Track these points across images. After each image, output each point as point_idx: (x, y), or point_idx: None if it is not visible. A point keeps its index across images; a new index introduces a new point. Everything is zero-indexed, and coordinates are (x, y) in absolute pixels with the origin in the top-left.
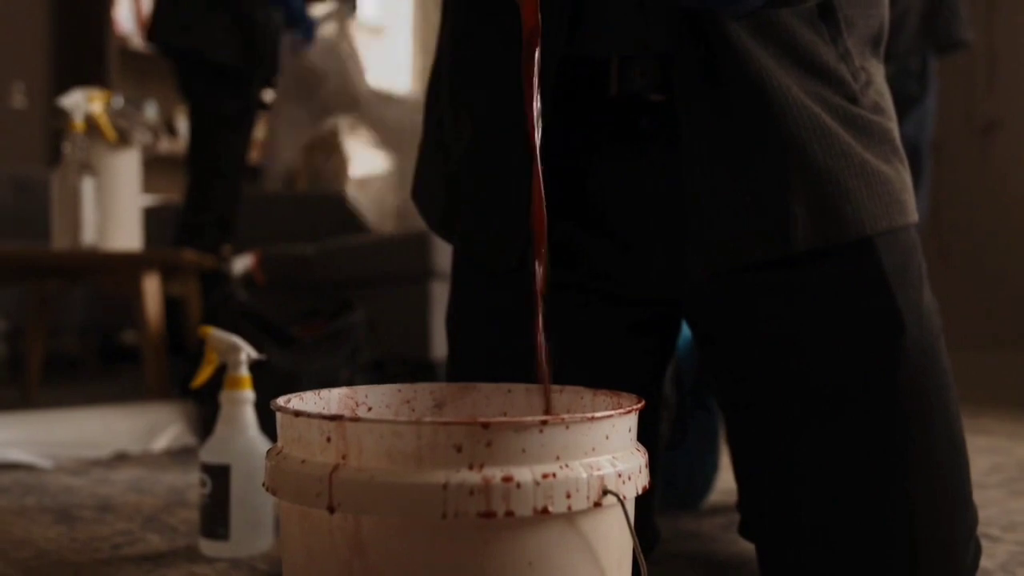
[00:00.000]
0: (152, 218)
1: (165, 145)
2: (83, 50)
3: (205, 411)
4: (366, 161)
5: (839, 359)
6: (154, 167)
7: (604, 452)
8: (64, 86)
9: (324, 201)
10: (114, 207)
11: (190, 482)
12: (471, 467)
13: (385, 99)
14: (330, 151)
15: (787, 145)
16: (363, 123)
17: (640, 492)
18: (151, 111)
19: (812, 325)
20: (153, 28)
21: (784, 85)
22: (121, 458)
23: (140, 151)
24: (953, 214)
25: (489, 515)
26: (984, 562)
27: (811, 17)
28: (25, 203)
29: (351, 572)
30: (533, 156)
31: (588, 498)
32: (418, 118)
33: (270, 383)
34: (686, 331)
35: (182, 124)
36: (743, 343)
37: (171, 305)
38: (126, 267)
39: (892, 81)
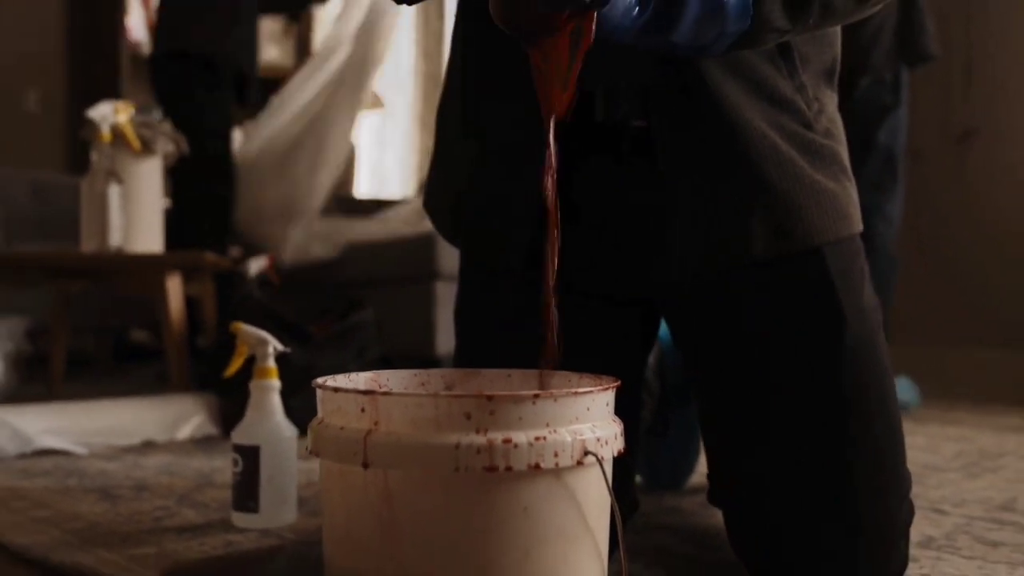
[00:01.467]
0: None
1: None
2: (96, 57)
3: (225, 403)
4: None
5: (792, 349)
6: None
7: (586, 421)
8: (78, 92)
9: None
10: (138, 212)
11: (215, 466)
12: (478, 431)
13: None
14: None
15: (749, 170)
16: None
17: (616, 455)
18: (159, 116)
19: (770, 320)
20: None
21: (747, 117)
22: (149, 445)
23: (162, 159)
24: (931, 218)
25: (492, 469)
26: (931, 531)
27: (772, 55)
28: (42, 206)
29: (380, 516)
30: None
31: (572, 457)
32: None
33: (287, 376)
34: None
35: None
36: (711, 336)
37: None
38: (150, 268)
39: (868, 92)
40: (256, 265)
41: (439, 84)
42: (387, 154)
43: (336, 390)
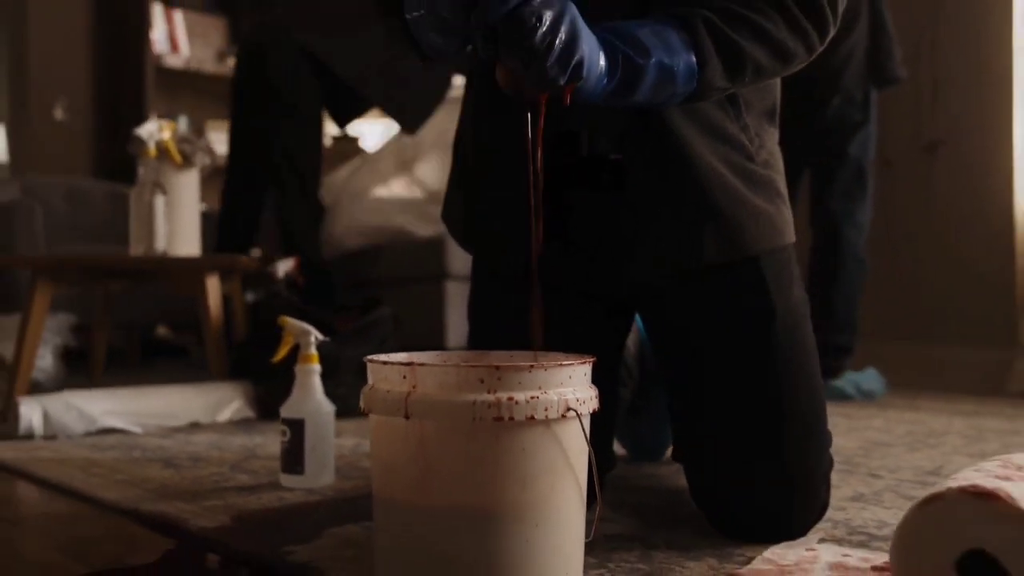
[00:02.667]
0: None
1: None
2: (121, 68)
3: (260, 390)
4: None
5: (734, 334)
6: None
7: (568, 386)
8: (103, 101)
9: None
10: (179, 219)
11: (256, 443)
12: (489, 392)
13: None
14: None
15: (701, 196)
16: None
17: (591, 412)
18: (182, 124)
19: (717, 312)
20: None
21: (700, 153)
22: (195, 426)
23: (200, 171)
24: (901, 222)
25: (499, 419)
26: (863, 490)
27: (721, 101)
28: (76, 210)
29: (416, 456)
30: (535, 193)
31: (558, 411)
32: None
33: None
34: None
35: (210, 137)
36: (672, 324)
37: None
38: (192, 270)
39: (840, 110)
40: (283, 266)
41: None
42: None
43: (384, 363)
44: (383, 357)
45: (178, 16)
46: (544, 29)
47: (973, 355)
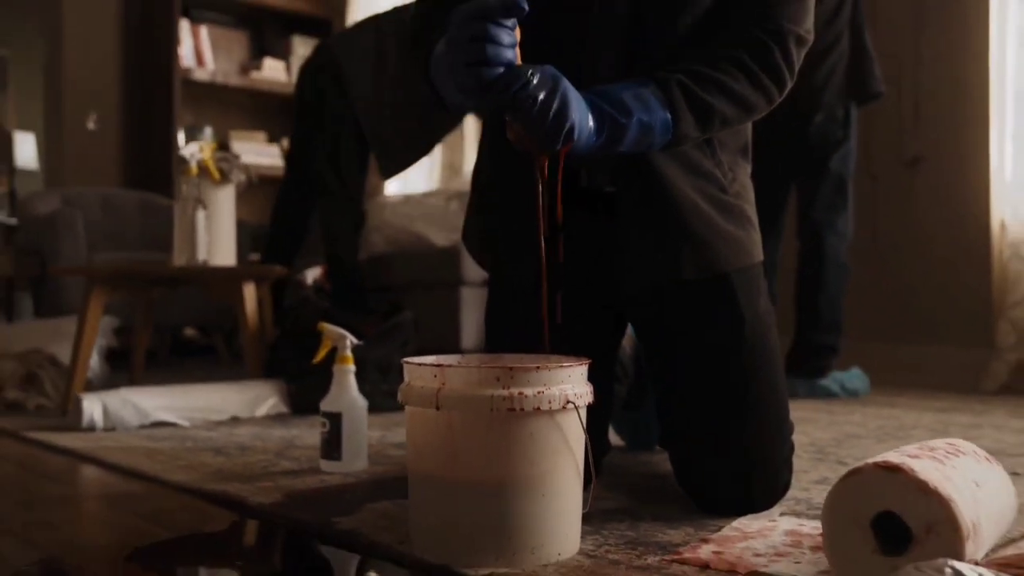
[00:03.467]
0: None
1: None
2: (150, 81)
3: (292, 388)
4: None
5: (708, 339)
6: None
7: (568, 383)
8: (133, 113)
9: None
10: (218, 231)
11: (293, 435)
12: (504, 387)
13: None
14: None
15: (680, 224)
16: None
17: (587, 405)
18: (207, 134)
19: (693, 320)
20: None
21: (679, 187)
22: (235, 420)
23: (236, 186)
24: (887, 233)
25: (512, 410)
26: (829, 475)
27: (698, 143)
28: (110, 218)
29: (445, 440)
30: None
31: (559, 403)
32: None
33: None
34: None
35: (234, 147)
36: (657, 330)
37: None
38: (230, 278)
39: (822, 127)
40: (312, 274)
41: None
42: None
43: (419, 364)
44: (418, 359)
45: (204, 31)
46: (538, 108)
47: (952, 355)
